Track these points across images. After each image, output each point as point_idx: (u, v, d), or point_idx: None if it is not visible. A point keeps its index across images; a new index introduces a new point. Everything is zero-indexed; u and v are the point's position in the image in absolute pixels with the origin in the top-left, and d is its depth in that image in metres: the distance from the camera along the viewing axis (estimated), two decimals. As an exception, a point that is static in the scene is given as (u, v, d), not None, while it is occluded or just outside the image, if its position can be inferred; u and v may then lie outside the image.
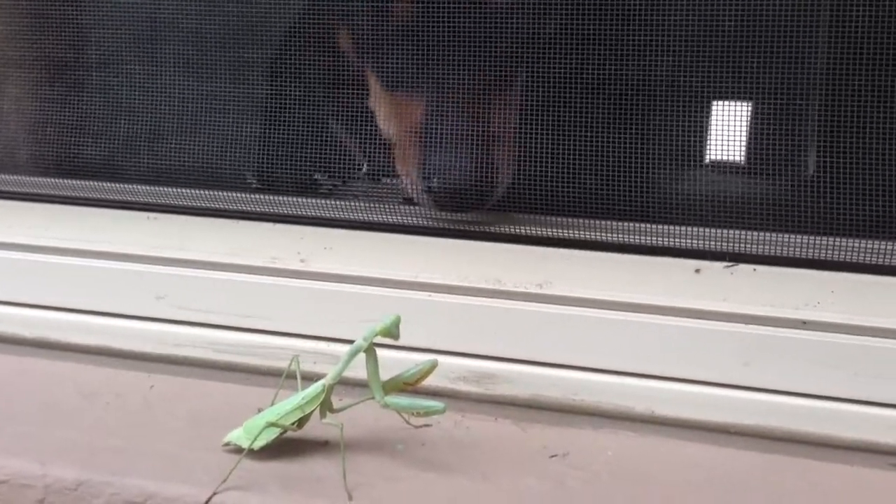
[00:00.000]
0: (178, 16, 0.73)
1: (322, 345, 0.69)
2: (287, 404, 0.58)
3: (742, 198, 0.64)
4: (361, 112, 0.72)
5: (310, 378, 0.60)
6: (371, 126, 0.72)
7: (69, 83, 0.78)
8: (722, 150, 0.63)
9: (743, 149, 0.63)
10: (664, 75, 0.65)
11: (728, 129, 0.62)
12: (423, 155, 0.68)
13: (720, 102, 0.64)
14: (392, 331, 0.56)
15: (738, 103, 0.63)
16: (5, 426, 0.62)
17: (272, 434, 0.57)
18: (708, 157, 0.65)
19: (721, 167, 0.65)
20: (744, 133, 0.62)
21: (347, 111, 0.73)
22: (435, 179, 0.66)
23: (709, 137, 0.64)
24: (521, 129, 0.69)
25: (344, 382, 0.61)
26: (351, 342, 0.59)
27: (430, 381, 0.61)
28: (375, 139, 0.73)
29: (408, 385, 0.58)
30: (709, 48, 0.62)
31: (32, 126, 0.77)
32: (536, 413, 0.64)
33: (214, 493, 0.54)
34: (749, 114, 0.63)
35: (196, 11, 0.73)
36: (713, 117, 0.63)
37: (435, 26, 0.66)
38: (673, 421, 0.62)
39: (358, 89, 0.73)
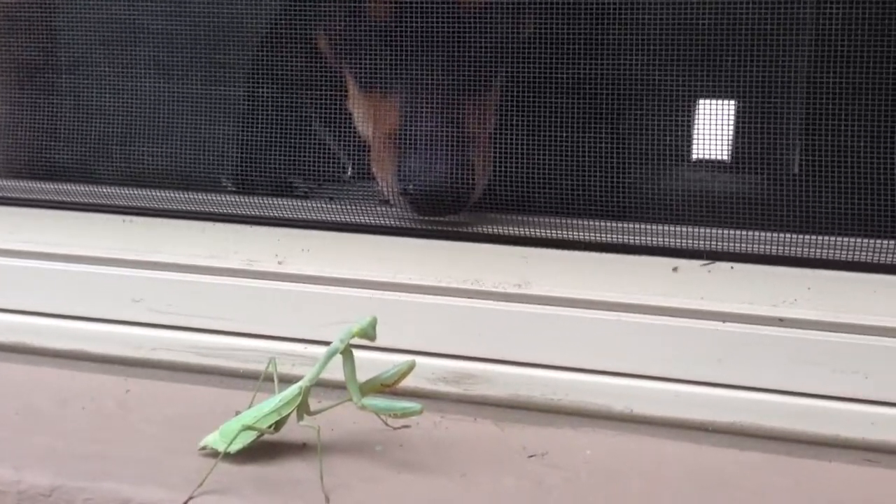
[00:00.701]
0: (151, 17, 0.73)
1: (300, 347, 0.68)
2: (264, 407, 0.57)
3: (720, 196, 0.64)
4: (338, 113, 0.72)
5: (287, 380, 0.60)
6: (348, 128, 0.72)
7: (41, 86, 0.78)
8: (701, 148, 0.63)
9: (722, 147, 0.63)
10: (640, 74, 0.65)
11: (708, 128, 0.62)
12: (398, 157, 0.68)
13: (701, 100, 0.64)
14: (368, 332, 0.56)
15: (720, 101, 0.63)
16: (-21, 432, 0.61)
17: (248, 437, 0.57)
18: (687, 155, 0.65)
19: (699, 166, 0.65)
20: (723, 132, 0.63)
21: (325, 113, 0.72)
22: (410, 183, 0.66)
23: (688, 136, 0.64)
24: (497, 130, 0.69)
25: (322, 384, 0.60)
26: (329, 344, 0.58)
27: (409, 382, 0.61)
28: (353, 141, 0.72)
29: (385, 386, 0.58)
30: (688, 46, 0.62)
31: (3, 128, 0.76)
32: (516, 413, 0.64)
33: (190, 498, 0.53)
34: (729, 112, 0.64)
35: (170, 12, 0.73)
36: (692, 115, 0.63)
37: (410, 28, 0.66)
38: (651, 419, 0.62)
39: (335, 91, 0.72)
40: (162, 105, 0.74)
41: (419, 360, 0.58)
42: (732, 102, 0.65)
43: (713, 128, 0.63)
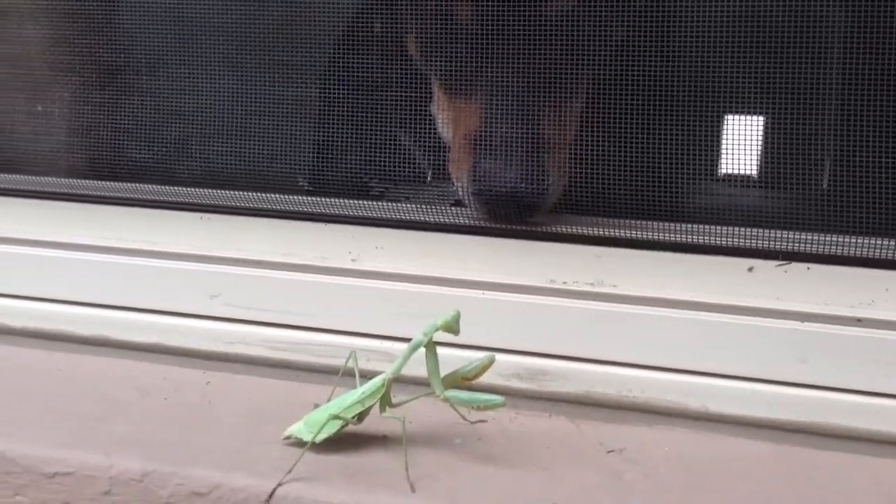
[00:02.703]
0: (241, 17, 0.75)
1: (375, 342, 0.69)
2: (347, 399, 0.59)
3: (797, 199, 0.64)
4: (419, 115, 0.73)
5: (362, 375, 0.61)
6: (427, 129, 0.73)
7: (123, 87, 0.80)
8: (780, 152, 0.63)
9: (803, 152, 0.64)
10: (720, 80, 0.65)
11: (786, 130, 0.63)
12: (475, 161, 0.69)
13: (781, 103, 0.64)
14: (452, 326, 0.57)
15: (802, 101, 0.64)
16: (67, 421, 0.63)
17: (333, 427, 0.58)
18: (765, 158, 0.66)
19: (778, 169, 0.65)
20: (801, 134, 0.63)
21: (406, 114, 0.73)
22: (485, 187, 0.67)
23: (765, 138, 0.65)
24: (578, 133, 0.70)
25: (396, 380, 0.61)
26: (403, 339, 0.60)
27: (484, 379, 0.62)
28: (431, 142, 0.74)
29: (465, 380, 0.59)
30: (781, 54, 0.63)
31: (90, 131, 0.79)
32: (590, 409, 0.65)
33: (280, 484, 0.55)
34: (808, 114, 0.64)
35: (255, 12, 0.75)
36: (772, 116, 0.64)
37: (496, 32, 0.67)
38: (727, 418, 0.62)
39: (417, 93, 0.73)
40: (241, 106, 0.76)
41: (495, 358, 0.59)
42: (815, 102, 0.65)
43: (791, 129, 0.63)
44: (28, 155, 0.83)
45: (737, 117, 0.67)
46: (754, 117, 0.66)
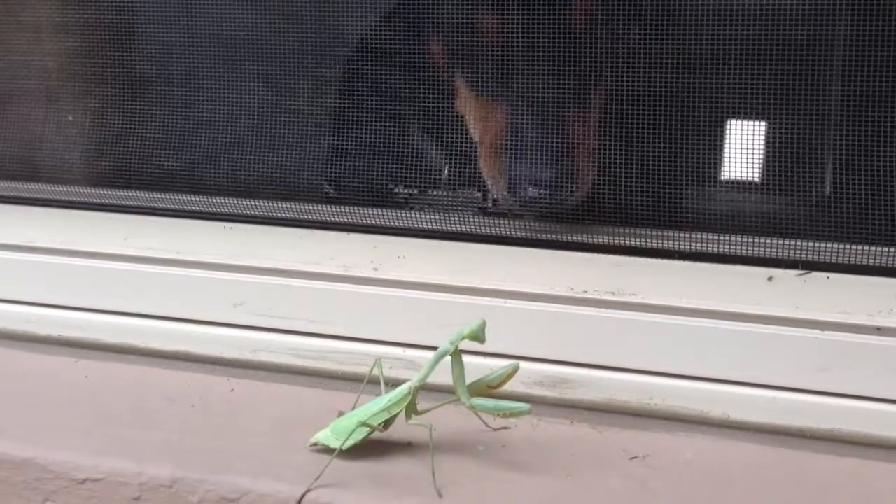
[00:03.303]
0: (260, 31, 0.76)
1: (398, 350, 0.70)
2: (373, 406, 0.60)
3: (817, 208, 0.65)
4: (442, 119, 0.74)
5: (387, 383, 0.62)
6: (450, 134, 0.74)
7: (150, 97, 0.81)
8: (801, 161, 0.64)
9: (823, 161, 0.64)
10: (741, 87, 0.66)
11: (804, 139, 0.63)
12: (506, 157, 0.70)
13: (802, 112, 0.65)
14: (478, 334, 0.58)
15: (825, 115, 0.65)
16: (97, 427, 0.64)
17: (361, 434, 0.59)
18: (785, 166, 0.66)
19: (799, 177, 0.66)
20: (825, 144, 0.64)
21: (429, 118, 0.74)
22: (520, 183, 0.68)
23: (786, 148, 0.65)
24: (601, 138, 0.70)
25: (420, 388, 0.62)
26: (425, 348, 0.60)
27: (507, 387, 0.62)
28: (454, 147, 0.74)
29: (490, 388, 0.60)
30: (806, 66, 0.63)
31: (116, 140, 0.80)
32: (612, 417, 0.65)
33: (308, 490, 0.55)
34: (828, 123, 0.65)
35: (273, 27, 0.76)
36: (788, 127, 0.65)
37: (522, 36, 0.68)
38: (748, 425, 0.63)
39: (439, 97, 0.74)
40: (265, 115, 0.77)
41: (519, 366, 0.60)
42: (837, 111, 0.66)
43: (812, 138, 0.64)
44: (56, 164, 0.84)
45: (757, 124, 0.68)
46: (775, 125, 0.67)
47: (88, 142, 0.83)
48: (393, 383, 0.61)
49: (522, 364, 0.66)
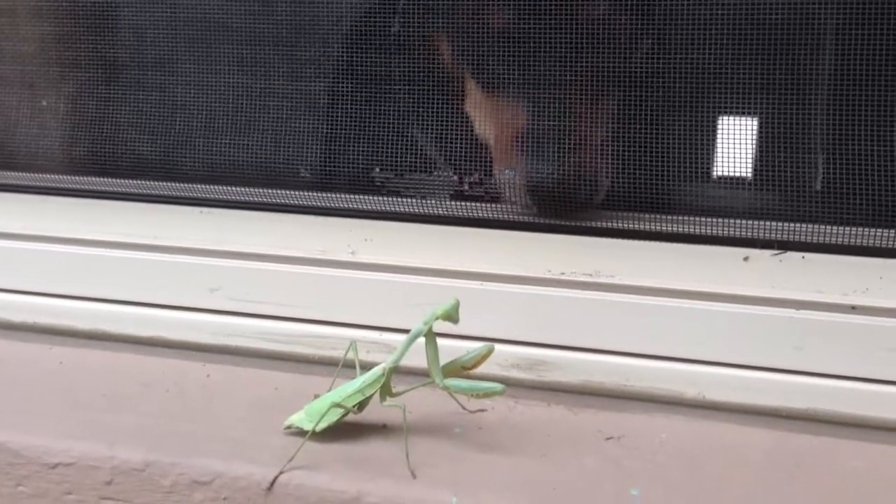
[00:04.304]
0: (233, 12, 0.75)
1: (375, 334, 0.70)
2: (347, 388, 0.59)
3: (791, 187, 0.65)
4: (420, 103, 0.73)
5: (362, 366, 0.61)
6: (428, 116, 0.73)
7: (124, 82, 0.80)
8: (775, 144, 0.64)
9: (798, 142, 0.64)
10: (703, 69, 0.66)
11: (780, 124, 0.63)
12: (527, 158, 0.69)
13: (770, 97, 0.65)
14: (452, 314, 0.58)
15: (797, 98, 0.65)
16: (70, 413, 0.64)
17: (334, 416, 0.58)
18: (760, 149, 0.66)
19: (773, 159, 0.66)
20: (799, 127, 0.64)
21: (406, 104, 0.74)
22: (539, 182, 0.67)
23: (759, 131, 0.65)
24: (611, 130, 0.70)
25: (396, 370, 0.62)
26: (403, 331, 0.60)
27: (483, 369, 0.62)
28: (431, 130, 0.74)
29: (465, 369, 0.60)
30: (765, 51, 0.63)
31: (89, 126, 0.79)
32: (588, 399, 0.65)
33: (281, 472, 0.55)
34: (808, 108, 0.65)
35: (246, 8, 0.75)
36: (758, 112, 0.65)
37: (535, 32, 0.67)
38: (724, 405, 0.63)
39: (417, 81, 0.74)
40: (241, 100, 0.76)
41: (494, 348, 0.60)
42: (807, 95, 0.66)
43: (784, 121, 0.64)
44: (29, 150, 0.83)
45: (727, 111, 0.67)
46: (744, 111, 0.67)
47: (62, 127, 0.82)
48: (369, 366, 0.61)
49: (499, 346, 0.66)
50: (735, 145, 0.66)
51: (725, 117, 0.68)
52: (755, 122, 0.67)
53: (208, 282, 0.74)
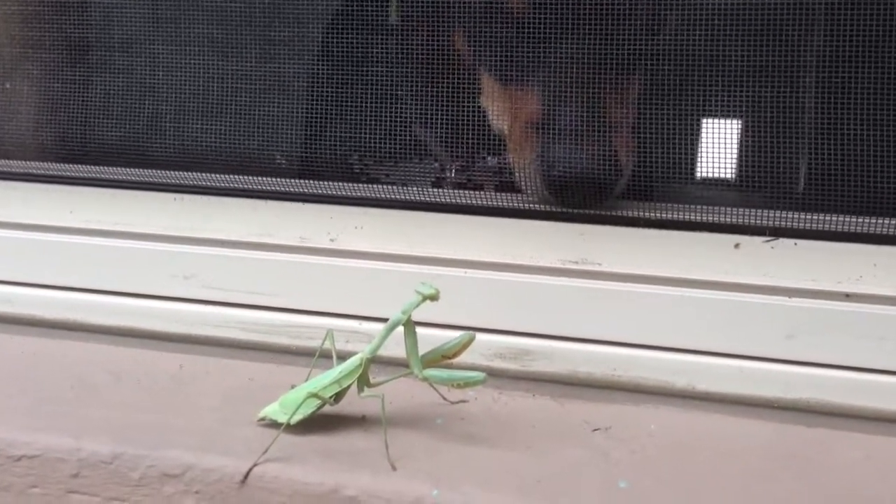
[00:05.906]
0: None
1: (353, 323, 0.68)
2: (324, 379, 0.57)
3: (784, 174, 0.63)
4: (403, 88, 0.71)
5: (340, 356, 0.59)
6: (411, 102, 0.71)
7: (92, 65, 0.78)
8: (766, 130, 0.62)
9: (790, 129, 0.63)
10: (688, 58, 0.64)
11: (771, 110, 0.62)
12: (545, 149, 0.66)
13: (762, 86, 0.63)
14: (434, 296, 0.55)
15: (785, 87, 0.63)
16: (36, 405, 0.61)
17: (310, 408, 0.56)
18: (751, 135, 0.65)
19: (767, 144, 0.64)
20: (790, 113, 0.62)
21: (389, 89, 0.71)
22: (558, 173, 0.65)
23: (749, 118, 0.64)
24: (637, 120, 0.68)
25: (376, 361, 0.60)
26: (383, 320, 0.58)
27: (467, 359, 0.60)
28: (414, 116, 0.72)
29: (445, 358, 0.58)
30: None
31: (58, 110, 0.76)
32: (575, 389, 0.63)
33: (255, 465, 0.53)
34: (802, 97, 0.63)
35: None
36: (752, 97, 0.63)
37: (553, 21, 0.65)
38: (714, 395, 0.61)
39: (401, 65, 0.71)
40: (216, 84, 0.74)
41: (476, 336, 0.58)
42: (796, 84, 0.64)
43: (776, 108, 0.62)
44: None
45: (723, 93, 0.66)
46: (740, 94, 0.65)
47: (28, 111, 0.79)
48: (346, 356, 0.58)
49: (483, 336, 0.64)
50: (726, 131, 0.64)
51: (716, 102, 0.66)
52: (747, 108, 0.66)
53: (183, 269, 0.71)
